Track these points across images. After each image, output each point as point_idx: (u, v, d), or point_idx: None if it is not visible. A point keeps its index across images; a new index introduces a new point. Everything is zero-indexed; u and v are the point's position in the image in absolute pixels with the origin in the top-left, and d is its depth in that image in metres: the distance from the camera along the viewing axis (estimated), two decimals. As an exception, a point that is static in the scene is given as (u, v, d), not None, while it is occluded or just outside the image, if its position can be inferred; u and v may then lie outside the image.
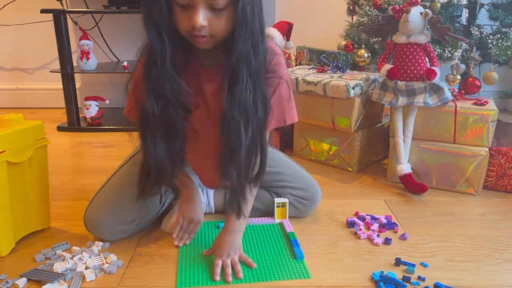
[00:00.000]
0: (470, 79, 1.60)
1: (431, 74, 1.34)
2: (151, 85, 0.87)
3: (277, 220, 1.21)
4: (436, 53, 1.44)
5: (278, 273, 0.98)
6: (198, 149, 1.02)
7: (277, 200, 1.19)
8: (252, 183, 0.95)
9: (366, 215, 1.24)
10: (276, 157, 1.23)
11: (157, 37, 0.83)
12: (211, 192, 1.24)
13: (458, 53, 1.57)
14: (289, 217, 1.21)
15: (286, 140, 1.80)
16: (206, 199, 1.25)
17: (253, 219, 1.20)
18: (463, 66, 1.64)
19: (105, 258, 1.02)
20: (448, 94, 1.36)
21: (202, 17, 0.79)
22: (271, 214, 1.22)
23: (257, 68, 0.86)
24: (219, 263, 0.97)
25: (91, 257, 1.01)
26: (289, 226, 1.17)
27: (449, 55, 1.57)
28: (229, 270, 0.96)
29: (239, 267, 0.97)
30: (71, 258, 1.01)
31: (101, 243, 1.08)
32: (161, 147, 0.91)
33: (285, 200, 1.19)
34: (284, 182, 1.20)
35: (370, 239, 1.13)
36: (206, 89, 0.95)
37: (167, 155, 0.92)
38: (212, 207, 1.25)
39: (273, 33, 2.08)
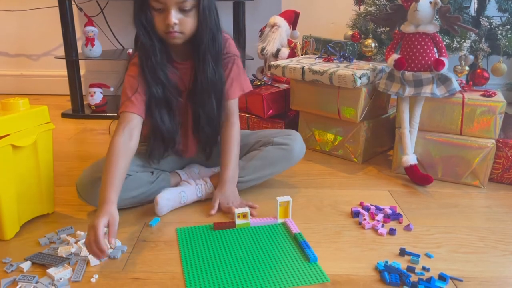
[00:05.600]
0: (479, 71, 1.59)
1: (439, 64, 1.33)
2: (149, 74, 1.13)
3: (279, 220, 1.16)
4: (444, 43, 1.42)
5: (295, 278, 0.92)
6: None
7: (280, 199, 1.14)
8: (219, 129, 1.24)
9: (371, 205, 1.23)
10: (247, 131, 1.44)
11: (147, 36, 1.10)
12: (207, 177, 1.29)
13: (466, 44, 1.56)
14: (284, 166, 1.31)
15: (291, 130, 1.79)
16: (202, 180, 1.27)
17: (255, 220, 1.14)
18: (471, 57, 1.62)
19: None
20: (455, 85, 1.35)
21: (174, 17, 1.05)
22: (269, 165, 1.29)
23: (217, 53, 1.16)
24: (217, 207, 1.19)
25: (95, 242, 1.01)
26: (294, 226, 1.11)
27: (458, 45, 1.55)
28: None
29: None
30: (76, 243, 1.01)
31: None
32: (166, 120, 1.18)
33: (288, 198, 1.15)
34: (265, 133, 1.35)
35: (374, 229, 1.12)
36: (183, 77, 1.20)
37: (172, 126, 1.19)
38: (211, 184, 1.27)
39: (280, 22, 2.07)
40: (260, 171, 1.29)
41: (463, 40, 1.55)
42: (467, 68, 1.58)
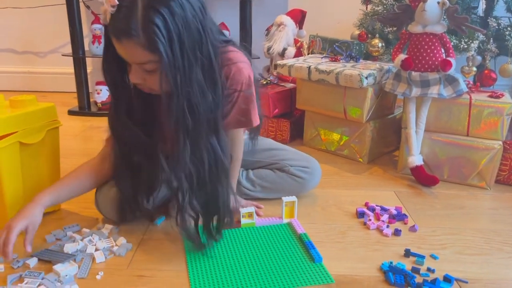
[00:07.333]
0: (486, 72, 1.58)
1: (446, 65, 1.32)
2: (113, 131, 0.97)
3: (285, 220, 1.15)
4: (452, 44, 1.41)
5: (299, 279, 0.91)
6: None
7: (285, 199, 1.14)
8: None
9: (376, 206, 1.23)
10: (267, 141, 1.33)
11: (113, 87, 0.94)
12: None
13: (474, 45, 1.55)
14: (294, 195, 1.20)
15: (296, 129, 1.79)
16: None
17: (260, 220, 1.14)
18: (479, 58, 1.61)
19: (115, 241, 1.03)
20: (463, 86, 1.34)
21: (135, 76, 0.86)
22: (278, 191, 1.23)
23: (195, 126, 0.87)
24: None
25: (101, 239, 1.02)
26: (299, 227, 1.11)
27: (465, 46, 1.54)
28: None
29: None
30: (82, 240, 1.02)
31: (111, 226, 1.09)
32: (127, 186, 1.00)
33: (294, 198, 1.15)
34: (282, 156, 1.26)
35: (379, 229, 1.12)
36: None
37: (134, 191, 1.01)
38: None
39: (286, 21, 2.07)
40: (268, 193, 1.26)
41: (470, 41, 1.55)
42: (474, 69, 1.57)
